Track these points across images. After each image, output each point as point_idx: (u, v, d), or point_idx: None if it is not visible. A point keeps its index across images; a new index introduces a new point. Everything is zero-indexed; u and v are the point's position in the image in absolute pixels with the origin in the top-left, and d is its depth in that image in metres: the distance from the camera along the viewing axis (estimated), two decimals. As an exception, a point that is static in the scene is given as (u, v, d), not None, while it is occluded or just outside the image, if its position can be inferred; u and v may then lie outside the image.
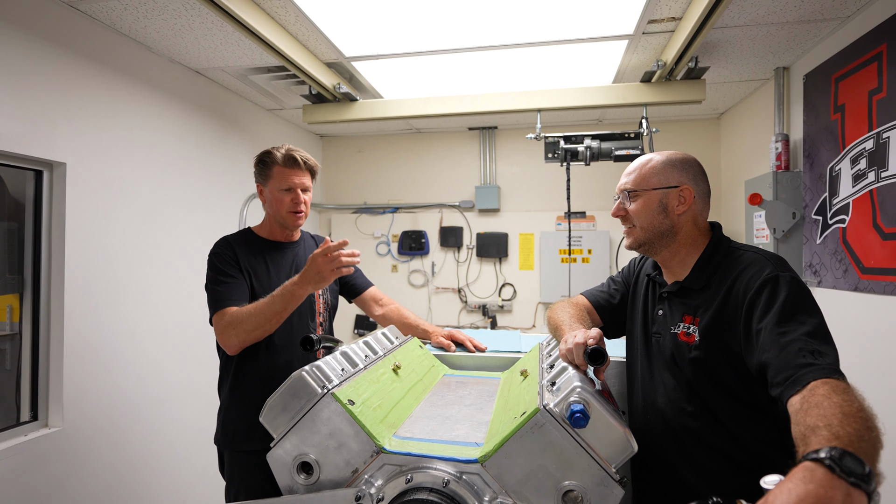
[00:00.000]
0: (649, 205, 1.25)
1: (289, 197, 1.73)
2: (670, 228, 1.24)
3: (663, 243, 1.26)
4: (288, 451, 1.06)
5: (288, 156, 1.72)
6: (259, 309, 1.56)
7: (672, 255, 1.27)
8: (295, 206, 1.74)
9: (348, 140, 4.52)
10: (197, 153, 2.91)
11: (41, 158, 2.04)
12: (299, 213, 1.75)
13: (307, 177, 1.77)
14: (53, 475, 2.05)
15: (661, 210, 1.24)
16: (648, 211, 1.25)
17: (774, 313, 1.02)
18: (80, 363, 2.18)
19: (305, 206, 1.76)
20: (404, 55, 2.67)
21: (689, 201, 1.23)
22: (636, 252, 1.33)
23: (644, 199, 1.25)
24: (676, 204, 1.23)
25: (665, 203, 1.24)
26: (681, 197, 1.24)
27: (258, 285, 1.71)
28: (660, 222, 1.24)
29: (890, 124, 1.99)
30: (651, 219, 1.25)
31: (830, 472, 0.61)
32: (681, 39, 2.28)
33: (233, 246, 1.73)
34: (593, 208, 4.08)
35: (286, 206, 1.74)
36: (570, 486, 0.91)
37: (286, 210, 1.74)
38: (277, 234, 1.82)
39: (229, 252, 1.71)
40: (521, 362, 1.51)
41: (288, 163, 1.72)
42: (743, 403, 1.12)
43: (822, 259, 2.45)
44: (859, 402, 0.78)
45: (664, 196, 1.24)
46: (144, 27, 2.31)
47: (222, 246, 1.73)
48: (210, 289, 1.66)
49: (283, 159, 1.72)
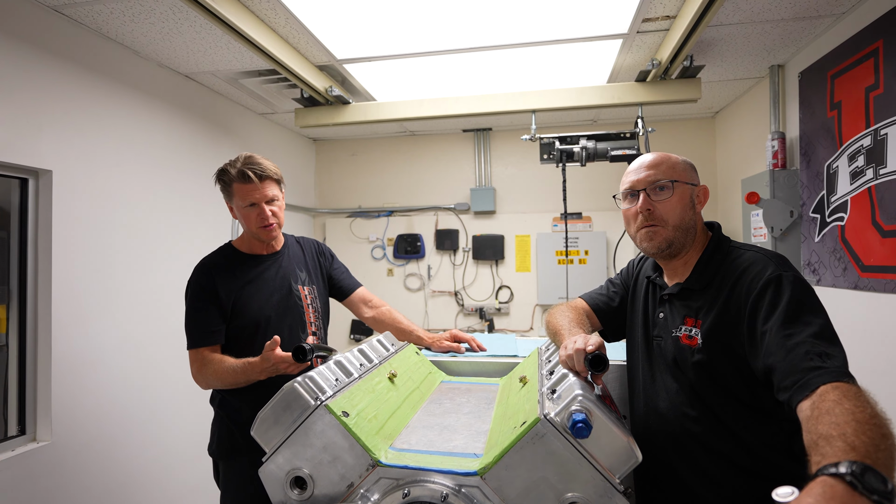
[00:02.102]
0: (684, 198, 1.20)
1: (254, 213, 1.66)
2: (693, 226, 1.22)
3: (687, 241, 1.21)
4: (280, 465, 1.02)
5: (241, 172, 1.63)
6: (225, 374, 1.57)
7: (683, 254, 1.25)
8: (262, 221, 1.67)
9: (342, 143, 4.49)
10: (187, 159, 2.87)
11: (26, 166, 2.00)
12: (269, 226, 1.68)
13: (270, 187, 1.68)
14: (42, 491, 2.00)
15: (691, 206, 1.21)
16: (683, 205, 1.19)
17: (779, 314, 0.99)
18: (69, 375, 2.13)
19: (276, 217, 1.69)
20: (397, 57, 2.64)
21: (704, 202, 1.24)
22: (658, 256, 1.25)
23: (681, 192, 1.20)
24: (697, 203, 1.23)
25: (693, 200, 1.22)
26: (698, 196, 1.23)
27: (242, 309, 1.67)
28: (689, 218, 1.21)
29: (888, 121, 1.97)
30: (684, 214, 1.19)
31: (852, 489, 0.58)
32: (675, 38, 2.26)
33: (212, 274, 1.67)
34: (590, 209, 4.06)
35: (254, 222, 1.67)
36: (572, 497, 0.88)
37: (255, 226, 1.68)
38: (257, 247, 1.76)
39: (207, 282, 1.66)
40: (520, 368, 1.47)
41: (243, 179, 1.63)
42: (747, 407, 1.09)
43: (820, 257, 2.44)
44: (871, 408, 0.75)
45: (693, 192, 1.22)
46: (131, 31, 2.28)
47: (200, 274, 1.69)
48: (187, 324, 1.66)
49: (238, 175, 1.64)
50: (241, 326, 1.67)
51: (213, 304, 1.64)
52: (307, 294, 1.81)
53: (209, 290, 1.65)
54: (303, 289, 1.80)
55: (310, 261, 1.88)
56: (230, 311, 1.66)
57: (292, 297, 1.76)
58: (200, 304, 1.64)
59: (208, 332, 1.63)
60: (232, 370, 1.57)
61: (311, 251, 1.91)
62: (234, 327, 1.67)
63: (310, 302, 1.81)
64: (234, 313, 1.67)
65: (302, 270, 1.83)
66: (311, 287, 1.83)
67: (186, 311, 1.66)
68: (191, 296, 1.67)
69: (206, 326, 1.63)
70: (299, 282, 1.80)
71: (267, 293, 1.71)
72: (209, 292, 1.65)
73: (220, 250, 1.78)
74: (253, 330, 1.67)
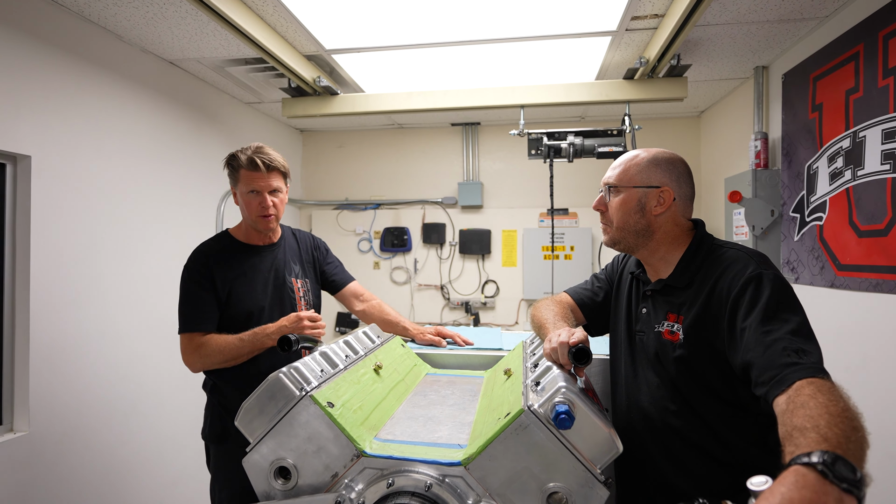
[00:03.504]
0: (627, 203, 1.23)
1: (256, 200, 1.70)
2: (646, 228, 1.23)
3: (639, 242, 1.25)
4: (265, 455, 1.02)
5: (251, 159, 1.68)
6: (228, 347, 1.60)
7: (651, 253, 1.26)
8: (263, 210, 1.71)
9: (329, 135, 4.45)
10: (171, 147, 2.83)
11: (4, 151, 1.95)
12: (268, 216, 1.72)
13: (276, 178, 1.72)
14: (19, 482, 1.97)
15: (638, 209, 1.23)
16: (626, 209, 1.23)
17: (758, 312, 1.01)
18: (47, 364, 2.10)
19: (276, 209, 1.73)
20: (386, 48, 2.62)
21: (667, 203, 1.22)
22: (614, 249, 1.32)
23: (624, 196, 1.24)
24: (654, 204, 1.22)
25: (643, 203, 1.22)
26: (660, 198, 1.22)
27: (236, 298, 1.69)
28: (635, 221, 1.23)
29: (866, 123, 2.02)
30: (627, 217, 1.23)
31: (823, 477, 0.60)
32: (663, 36, 2.28)
33: (208, 260, 1.69)
34: (576, 205, 4.09)
35: (255, 209, 1.71)
36: (554, 487, 0.89)
37: (255, 214, 1.71)
38: (254, 237, 1.79)
39: (203, 269, 1.68)
40: (505, 361, 1.49)
41: (251, 166, 1.68)
42: (726, 402, 1.12)
43: (799, 256, 2.49)
44: (844, 402, 0.77)
45: (643, 195, 1.22)
46: (114, 15, 2.23)
47: (196, 261, 1.70)
48: (180, 307, 1.67)
49: (247, 162, 1.68)
50: (234, 315, 1.68)
51: (208, 290, 1.66)
52: (300, 286, 1.83)
53: (206, 276, 1.66)
54: (296, 281, 1.82)
55: (304, 254, 1.91)
56: (224, 299, 1.68)
57: (286, 288, 1.78)
58: (196, 290, 1.66)
59: (203, 317, 1.65)
60: (237, 340, 1.60)
61: (306, 244, 1.94)
62: (227, 316, 1.69)
63: (302, 294, 1.83)
64: (227, 302, 1.68)
65: (296, 263, 1.85)
66: (304, 280, 1.86)
67: (181, 296, 1.67)
68: (187, 280, 1.68)
69: (201, 312, 1.65)
70: (293, 274, 1.82)
71: (261, 284, 1.73)
72: (206, 279, 1.66)
73: (217, 238, 1.79)
74: (245, 319, 1.69)
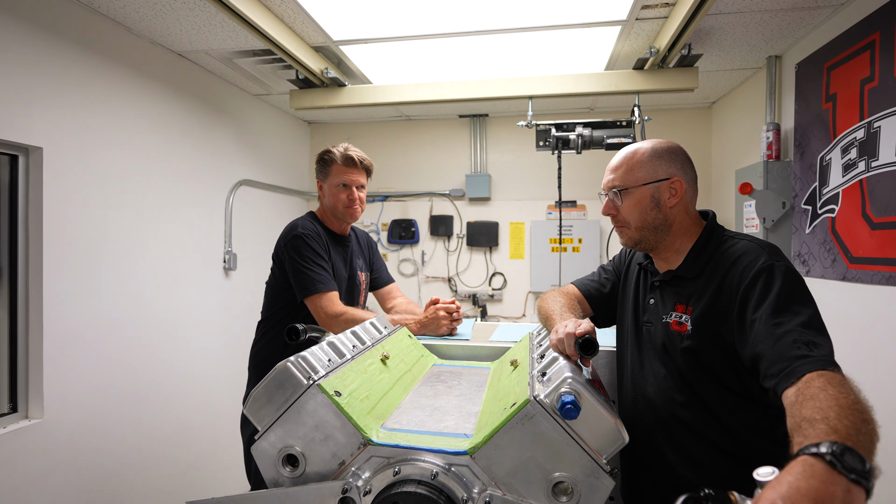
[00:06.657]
0: (641, 201, 1.21)
1: (345, 193, 1.90)
2: (664, 222, 1.21)
3: (659, 238, 1.23)
4: (273, 443, 1.03)
5: (346, 155, 1.90)
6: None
7: (667, 246, 1.25)
8: (351, 203, 1.91)
9: (337, 127, 4.45)
10: (181, 138, 2.84)
11: (16, 143, 1.97)
12: (355, 208, 1.93)
13: (363, 175, 1.95)
14: (34, 468, 2.01)
15: (653, 205, 1.20)
16: (641, 207, 1.21)
17: (769, 304, 1.00)
18: (61, 353, 2.13)
19: (360, 203, 1.95)
20: (394, 39, 2.61)
21: (680, 192, 1.20)
22: (636, 250, 1.31)
23: (635, 197, 1.21)
24: (668, 196, 1.20)
25: (657, 197, 1.20)
26: (672, 189, 1.20)
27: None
28: (653, 217, 1.21)
29: (881, 113, 1.98)
30: (644, 215, 1.21)
31: (831, 467, 0.60)
32: (674, 26, 2.25)
33: (322, 238, 1.86)
34: (584, 197, 4.06)
35: (343, 202, 1.91)
36: (560, 477, 0.89)
37: (343, 206, 1.91)
38: (335, 226, 1.98)
39: (322, 243, 1.84)
40: (511, 352, 1.49)
41: (346, 162, 1.90)
42: (734, 393, 1.11)
43: (810, 249, 2.46)
44: (855, 395, 0.76)
45: (655, 190, 1.20)
46: (124, 7, 2.23)
47: (316, 233, 1.85)
48: (307, 271, 1.77)
49: (341, 158, 1.90)
50: None
51: (327, 255, 1.82)
52: (364, 279, 2.03)
53: (323, 246, 1.85)
54: (361, 274, 2.01)
55: (364, 250, 2.10)
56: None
57: (356, 279, 1.97)
58: (320, 252, 1.81)
59: (329, 277, 1.78)
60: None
61: (364, 242, 2.13)
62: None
63: (364, 287, 2.02)
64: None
65: (360, 258, 2.04)
66: (365, 273, 2.06)
67: (305, 263, 1.78)
68: (309, 249, 1.80)
69: (326, 272, 1.79)
70: (358, 267, 2.01)
71: (341, 270, 1.90)
72: (323, 247, 1.83)
73: (314, 221, 1.93)
74: None
